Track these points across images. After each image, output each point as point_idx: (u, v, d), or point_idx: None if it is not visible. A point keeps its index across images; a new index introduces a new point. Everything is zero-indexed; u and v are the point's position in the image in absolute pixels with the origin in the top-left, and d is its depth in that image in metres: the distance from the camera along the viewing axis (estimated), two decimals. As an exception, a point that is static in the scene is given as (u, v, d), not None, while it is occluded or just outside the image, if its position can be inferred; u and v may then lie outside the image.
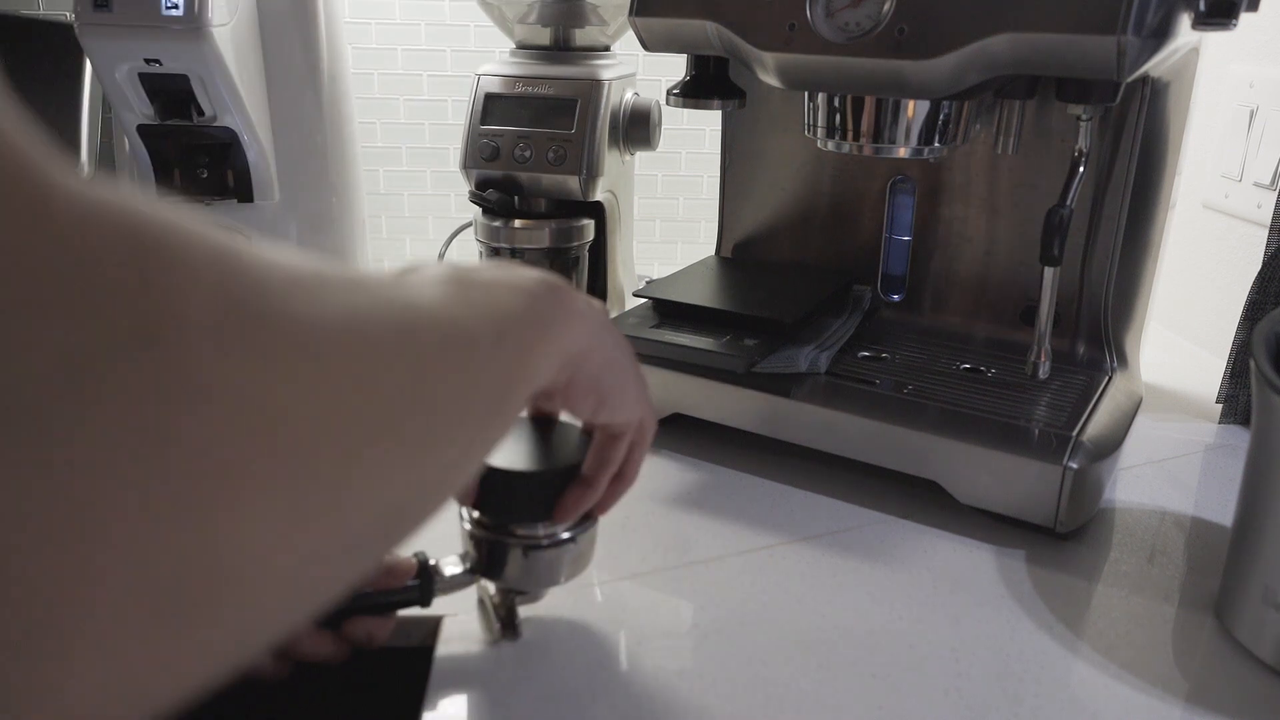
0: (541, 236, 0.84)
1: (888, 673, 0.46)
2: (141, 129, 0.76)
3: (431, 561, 0.46)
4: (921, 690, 0.45)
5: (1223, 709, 0.44)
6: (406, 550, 0.46)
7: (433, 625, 0.48)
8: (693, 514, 0.60)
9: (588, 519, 0.46)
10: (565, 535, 0.45)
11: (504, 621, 0.48)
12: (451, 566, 0.46)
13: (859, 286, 0.78)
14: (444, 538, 0.49)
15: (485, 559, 0.45)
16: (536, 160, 0.81)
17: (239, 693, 0.42)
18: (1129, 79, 0.52)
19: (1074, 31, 0.50)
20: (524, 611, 0.49)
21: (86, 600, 0.17)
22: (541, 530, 0.44)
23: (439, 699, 0.44)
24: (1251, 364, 0.47)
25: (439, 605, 0.47)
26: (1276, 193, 0.82)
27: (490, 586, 0.48)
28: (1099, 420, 0.61)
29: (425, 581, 0.45)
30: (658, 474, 0.65)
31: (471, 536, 0.46)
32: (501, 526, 0.45)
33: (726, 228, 0.85)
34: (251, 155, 0.71)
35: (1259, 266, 0.70)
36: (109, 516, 0.17)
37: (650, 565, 0.54)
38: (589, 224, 0.87)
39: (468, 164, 0.84)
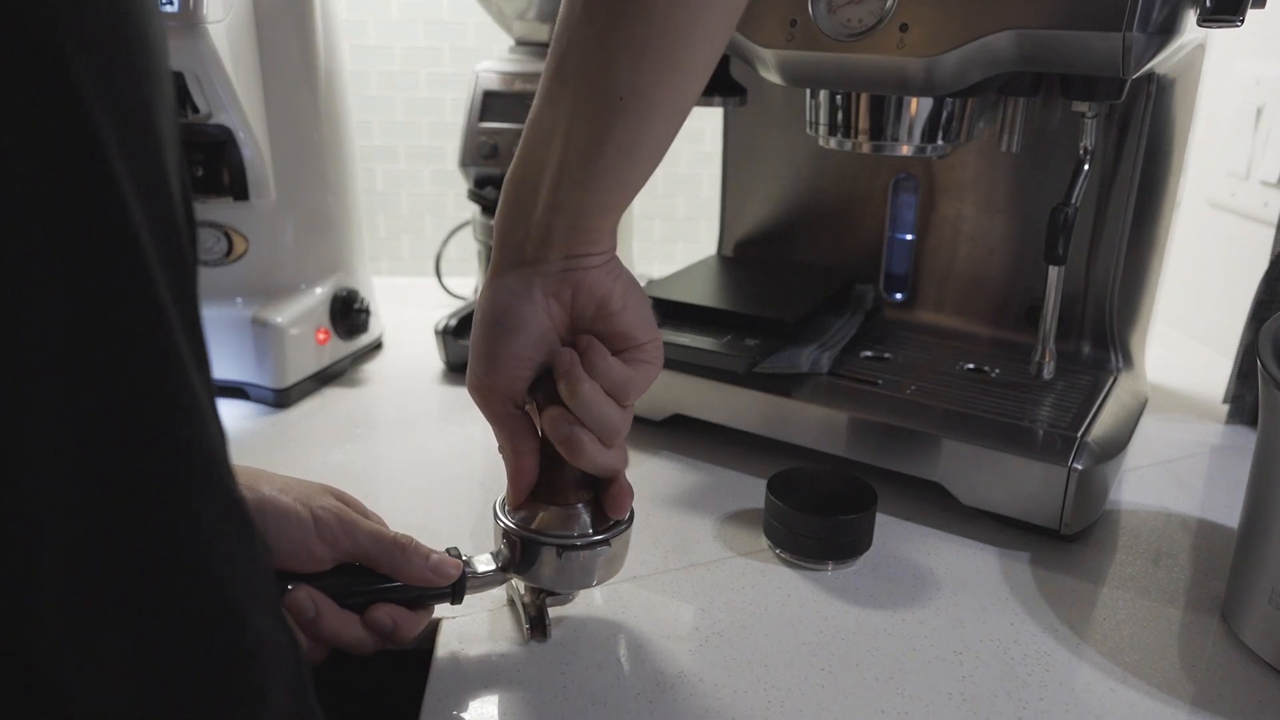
0: (541, 235, 0.83)
1: (890, 675, 0.45)
2: (138, 127, 0.75)
3: (464, 558, 0.46)
4: (925, 693, 0.44)
5: (1229, 711, 0.44)
6: (440, 545, 0.46)
7: (431, 628, 0.48)
8: (693, 515, 0.60)
9: (620, 521, 0.46)
10: (599, 537, 0.45)
11: (534, 622, 0.47)
12: (484, 564, 0.46)
13: (861, 286, 0.77)
14: (477, 535, 0.50)
15: (518, 558, 0.45)
16: (536, 158, 0.81)
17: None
18: (1134, 76, 0.52)
19: (1079, 28, 0.50)
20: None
21: None
22: (576, 531, 0.44)
23: (437, 702, 0.43)
24: (1258, 364, 0.47)
25: (439, 608, 0.46)
26: (1282, 191, 0.81)
27: (521, 586, 0.48)
28: (1104, 421, 0.60)
29: (458, 578, 0.45)
30: (658, 475, 0.65)
31: (505, 535, 0.45)
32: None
33: (727, 227, 0.84)
34: (247, 153, 0.70)
35: (1266, 265, 0.69)
36: None
37: (650, 567, 0.54)
38: (589, 222, 0.86)
39: (466, 162, 0.84)
